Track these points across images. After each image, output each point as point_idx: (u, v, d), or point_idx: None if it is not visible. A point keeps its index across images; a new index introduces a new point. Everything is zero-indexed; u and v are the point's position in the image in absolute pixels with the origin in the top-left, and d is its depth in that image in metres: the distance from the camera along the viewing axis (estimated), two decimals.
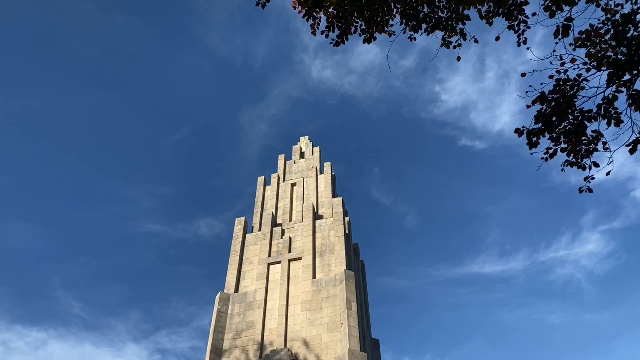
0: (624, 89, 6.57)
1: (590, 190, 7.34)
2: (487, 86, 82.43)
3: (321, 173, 25.29)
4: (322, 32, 8.43)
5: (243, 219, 22.74)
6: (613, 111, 6.65)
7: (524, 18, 7.83)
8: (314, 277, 19.38)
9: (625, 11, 6.76)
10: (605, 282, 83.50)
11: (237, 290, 20.02)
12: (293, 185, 25.01)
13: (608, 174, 7.17)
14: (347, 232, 21.62)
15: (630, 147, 6.61)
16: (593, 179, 7.34)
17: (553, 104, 6.74)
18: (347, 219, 22.88)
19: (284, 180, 25.56)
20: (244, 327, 18.48)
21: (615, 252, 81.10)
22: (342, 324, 17.04)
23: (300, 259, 20.26)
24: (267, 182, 25.49)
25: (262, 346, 17.68)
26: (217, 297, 19.41)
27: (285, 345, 17.42)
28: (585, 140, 7.03)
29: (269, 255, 20.89)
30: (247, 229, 22.74)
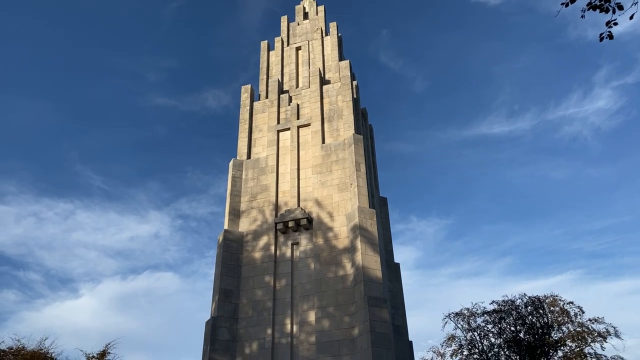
0: None
1: (610, 37, 7.02)
2: None
3: (326, 35, 24.12)
4: None
5: (249, 86, 22.44)
6: None
7: None
8: (323, 142, 19.76)
9: None
10: (611, 137, 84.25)
11: (249, 156, 20.65)
12: (298, 49, 24.08)
13: (631, 17, 6.78)
14: (354, 96, 21.41)
15: None
16: (615, 24, 6.97)
17: None
18: (354, 82, 22.47)
19: (287, 44, 24.55)
20: (258, 190, 19.48)
21: (625, 107, 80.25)
22: (351, 184, 17.86)
23: (308, 125, 20.45)
24: (270, 47, 24.53)
25: (276, 206, 18.84)
26: (231, 163, 20.14)
27: (299, 205, 18.54)
28: None
29: (278, 123, 21.07)
30: (254, 97, 22.58)
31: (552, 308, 26.91)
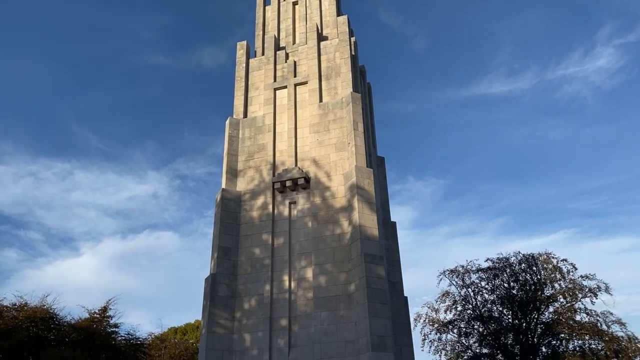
0: None
1: None
2: None
3: None
4: None
5: (244, 42, 21.88)
6: None
7: None
8: (321, 100, 19.48)
9: None
10: (611, 97, 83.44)
11: (245, 115, 20.40)
12: (294, 3, 23.33)
13: None
14: (353, 53, 20.93)
15: None
16: None
17: None
18: (352, 39, 21.93)
19: None
20: (255, 149, 19.36)
21: (627, 66, 79.02)
22: (349, 143, 17.75)
23: (306, 82, 20.08)
24: (266, 2, 23.76)
25: (274, 166, 18.79)
26: (227, 122, 19.92)
27: (296, 165, 18.49)
28: None
29: (274, 80, 20.68)
30: (250, 54, 22.06)
31: (545, 265, 27.44)
